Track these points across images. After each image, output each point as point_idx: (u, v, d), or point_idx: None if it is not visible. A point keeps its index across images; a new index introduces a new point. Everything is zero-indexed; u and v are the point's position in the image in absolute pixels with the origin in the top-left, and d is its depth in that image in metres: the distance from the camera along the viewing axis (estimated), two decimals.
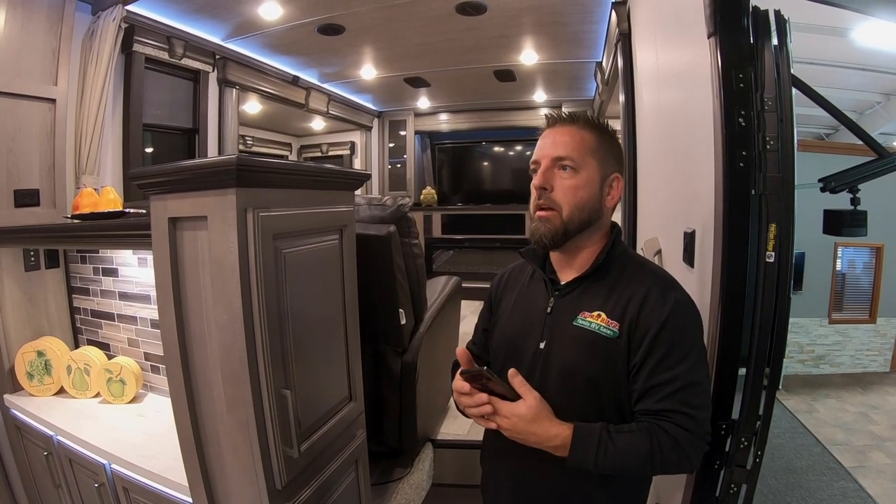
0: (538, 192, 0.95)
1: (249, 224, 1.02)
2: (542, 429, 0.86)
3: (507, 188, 6.53)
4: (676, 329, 0.87)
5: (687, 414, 0.84)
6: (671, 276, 0.97)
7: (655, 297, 0.89)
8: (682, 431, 0.84)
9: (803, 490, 3.68)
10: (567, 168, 0.94)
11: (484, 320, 1.14)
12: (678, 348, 0.86)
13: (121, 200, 2.03)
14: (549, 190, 0.94)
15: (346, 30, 3.51)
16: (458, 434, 2.48)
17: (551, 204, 0.94)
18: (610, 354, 0.89)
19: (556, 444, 0.86)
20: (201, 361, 1.12)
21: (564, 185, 0.94)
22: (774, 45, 1.04)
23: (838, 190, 1.15)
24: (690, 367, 0.86)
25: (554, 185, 0.94)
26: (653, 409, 0.85)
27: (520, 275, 1.10)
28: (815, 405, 5.51)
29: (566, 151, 0.94)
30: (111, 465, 1.53)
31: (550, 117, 1.00)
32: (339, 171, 1.48)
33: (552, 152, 0.94)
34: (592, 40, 3.68)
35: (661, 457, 0.83)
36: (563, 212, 0.93)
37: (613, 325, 0.90)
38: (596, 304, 0.93)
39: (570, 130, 0.95)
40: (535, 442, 0.87)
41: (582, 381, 0.91)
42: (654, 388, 0.86)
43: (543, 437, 0.86)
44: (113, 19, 2.49)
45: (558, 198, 0.94)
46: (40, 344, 2.01)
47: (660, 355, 0.86)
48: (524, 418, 0.86)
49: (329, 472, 1.31)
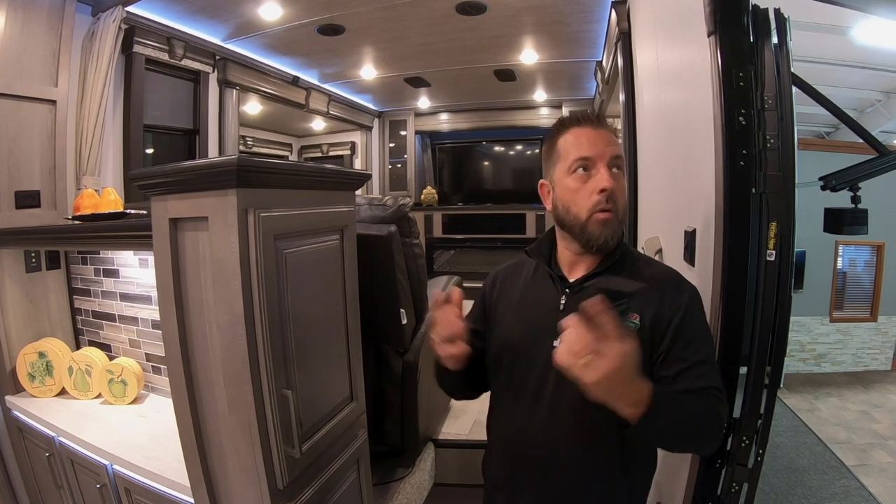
0: (605, 195, 0.90)
1: (250, 224, 1.02)
2: (636, 376, 0.75)
3: (507, 188, 6.52)
4: (695, 316, 0.92)
5: (716, 387, 0.87)
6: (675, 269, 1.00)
7: (672, 288, 0.93)
8: (716, 400, 0.86)
9: (805, 489, 3.68)
10: (619, 168, 0.93)
11: (477, 321, 1.09)
12: (699, 335, 0.91)
13: (122, 201, 2.03)
14: (613, 192, 0.91)
15: (346, 30, 3.51)
16: (460, 434, 2.48)
17: (614, 206, 0.92)
18: None
19: (640, 396, 0.75)
20: (203, 362, 1.12)
21: (621, 185, 0.93)
22: (774, 44, 1.04)
23: (839, 188, 1.15)
24: (710, 349, 0.92)
25: (614, 186, 0.92)
26: (693, 388, 0.86)
27: (515, 275, 1.07)
28: (817, 404, 5.51)
29: (620, 150, 0.94)
30: (113, 465, 1.53)
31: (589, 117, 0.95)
32: (339, 171, 1.48)
33: (612, 150, 0.92)
34: (592, 39, 3.67)
35: (711, 418, 0.84)
36: (618, 213, 0.93)
37: (634, 317, 0.91)
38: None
39: (608, 134, 0.94)
40: (628, 389, 0.74)
41: None
42: (688, 370, 0.87)
43: (636, 386, 0.75)
44: (113, 20, 2.49)
45: (619, 200, 0.92)
46: (42, 345, 2.02)
47: (686, 341, 0.89)
48: (633, 356, 0.72)
49: (331, 472, 1.31)
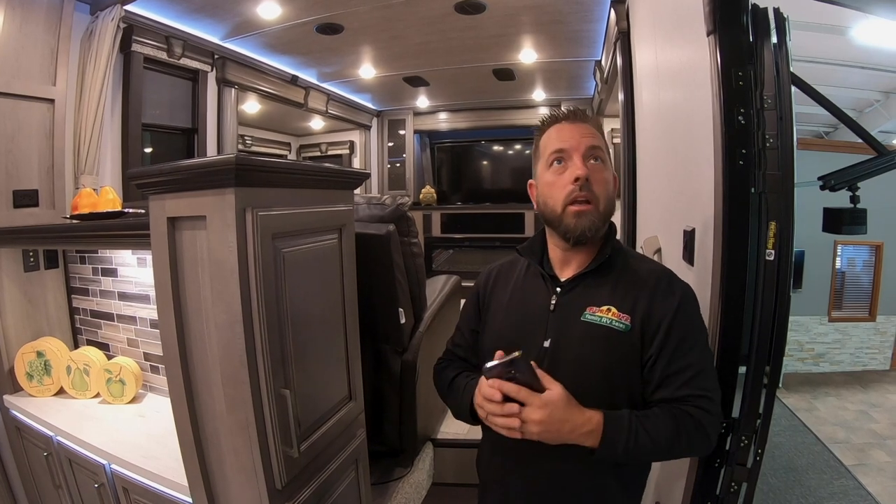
0: (578, 184, 0.90)
1: (248, 224, 1.02)
2: (575, 415, 0.83)
3: (506, 187, 6.53)
4: (686, 319, 0.90)
5: (705, 396, 0.87)
6: (668, 268, 0.99)
7: (663, 289, 0.92)
8: (703, 412, 0.86)
9: (803, 488, 3.69)
10: (599, 160, 0.92)
11: (472, 321, 1.10)
12: (690, 337, 0.89)
13: (120, 200, 2.02)
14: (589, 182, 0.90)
15: (345, 29, 3.51)
16: (459, 433, 2.48)
17: (592, 196, 0.91)
18: (624, 347, 0.90)
19: (587, 431, 0.83)
20: (201, 361, 1.12)
21: (600, 177, 0.92)
22: (774, 43, 1.04)
23: (838, 188, 1.15)
24: (701, 354, 0.90)
25: (591, 176, 0.91)
26: (674, 397, 0.87)
27: (509, 273, 1.07)
28: (816, 403, 5.52)
29: (599, 142, 0.93)
30: (111, 465, 1.53)
31: (574, 111, 0.97)
32: (338, 170, 1.48)
33: (588, 141, 0.92)
34: (592, 39, 3.68)
35: (687, 437, 0.85)
36: (599, 205, 0.92)
37: (625, 319, 0.90)
38: (603, 298, 0.93)
39: (589, 128, 0.95)
40: (569, 431, 0.82)
41: (597, 375, 0.90)
42: (673, 375, 0.87)
43: (576, 425, 0.82)
44: (111, 19, 2.49)
45: (597, 190, 0.91)
46: (40, 344, 2.01)
47: (674, 345, 0.88)
48: (558, 405, 0.82)
49: (329, 471, 1.30)
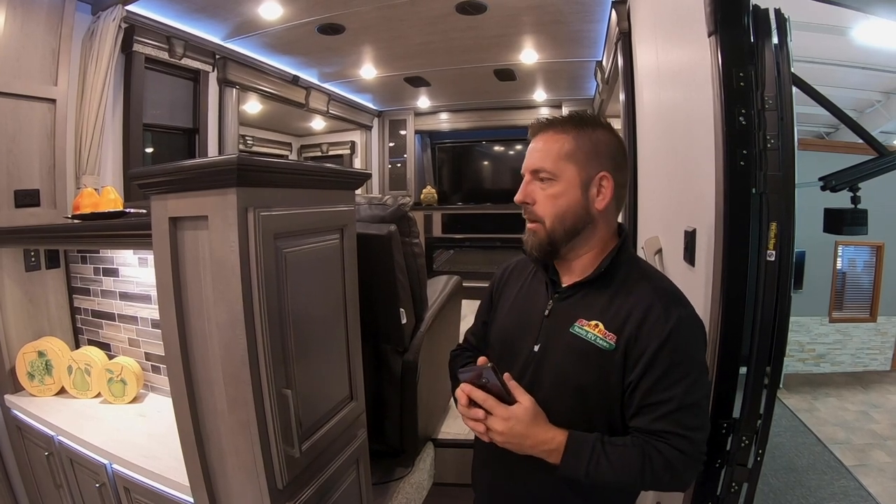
0: (522, 207, 0.96)
1: (250, 224, 1.02)
2: (538, 432, 0.85)
3: (507, 187, 6.51)
4: (676, 348, 0.83)
5: (682, 435, 0.82)
6: (677, 289, 0.92)
7: (657, 313, 0.85)
8: (675, 452, 0.82)
9: (804, 489, 3.69)
10: (544, 179, 0.93)
11: (484, 312, 1.13)
12: (677, 368, 0.83)
13: (121, 200, 2.03)
14: (532, 203, 0.94)
15: (346, 29, 3.51)
16: (460, 433, 2.48)
17: (535, 217, 0.94)
18: (603, 366, 0.87)
19: (549, 449, 0.84)
20: (202, 361, 1.12)
21: (542, 196, 0.93)
22: (775, 44, 1.04)
23: (839, 188, 1.15)
24: (688, 388, 0.83)
25: (535, 197, 0.94)
26: (647, 429, 0.83)
27: (522, 270, 1.09)
28: (816, 404, 5.51)
29: (541, 163, 0.92)
30: (112, 465, 1.53)
31: (531, 127, 0.98)
32: (339, 170, 1.48)
33: (529, 164, 0.95)
34: (592, 39, 3.68)
35: (652, 475, 0.82)
36: (546, 223, 0.93)
37: (610, 338, 0.87)
38: (594, 312, 0.90)
39: (545, 137, 0.94)
40: (530, 446, 0.85)
41: (571, 390, 0.89)
42: (650, 406, 0.84)
43: (538, 441, 0.84)
44: (113, 19, 2.49)
45: (539, 210, 0.93)
46: (41, 344, 2.01)
47: (657, 375, 0.83)
48: (521, 420, 0.84)
49: (330, 471, 1.31)
